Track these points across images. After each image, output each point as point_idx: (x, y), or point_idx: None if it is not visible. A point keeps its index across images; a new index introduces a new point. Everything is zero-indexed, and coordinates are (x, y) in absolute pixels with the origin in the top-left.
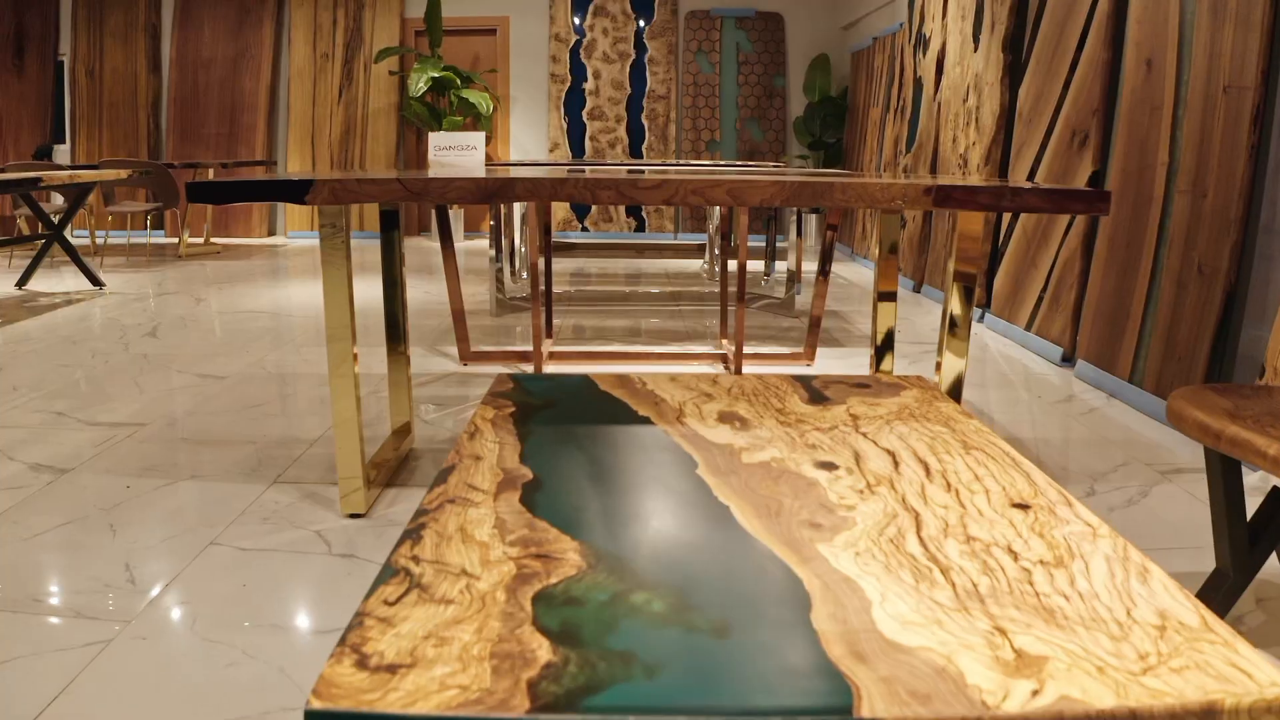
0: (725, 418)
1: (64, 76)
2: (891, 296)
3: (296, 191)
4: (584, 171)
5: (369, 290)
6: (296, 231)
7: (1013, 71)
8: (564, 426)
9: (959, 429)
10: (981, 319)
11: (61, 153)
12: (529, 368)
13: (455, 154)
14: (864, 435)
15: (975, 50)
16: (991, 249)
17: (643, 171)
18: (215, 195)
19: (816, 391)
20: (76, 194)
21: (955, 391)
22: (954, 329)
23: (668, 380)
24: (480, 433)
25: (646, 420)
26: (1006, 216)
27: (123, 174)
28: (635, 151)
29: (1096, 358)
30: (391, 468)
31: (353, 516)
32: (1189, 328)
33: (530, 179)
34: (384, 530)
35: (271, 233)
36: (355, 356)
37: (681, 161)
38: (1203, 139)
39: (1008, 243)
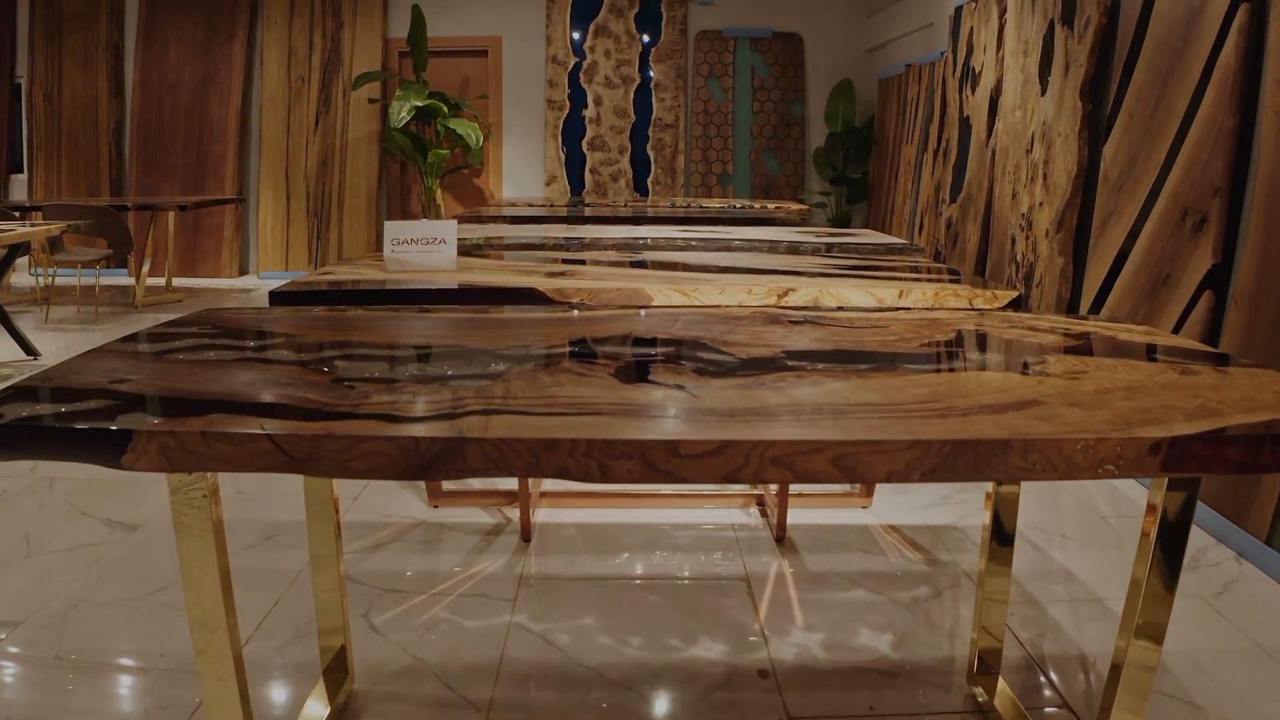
0: None
1: (21, 100)
2: None
3: (108, 449)
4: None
5: None
6: (270, 272)
7: (1093, 123)
8: None
9: None
10: None
11: (19, 184)
12: (514, 513)
13: (419, 250)
14: None
15: (1043, 94)
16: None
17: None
18: None
19: None
20: (6, 252)
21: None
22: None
23: None
24: None
25: None
26: (1090, 289)
27: (56, 228)
28: (640, 186)
29: (1218, 502)
30: None
31: None
32: None
33: (493, 440)
34: None
35: (243, 272)
36: (238, 659)
37: (690, 199)
38: None
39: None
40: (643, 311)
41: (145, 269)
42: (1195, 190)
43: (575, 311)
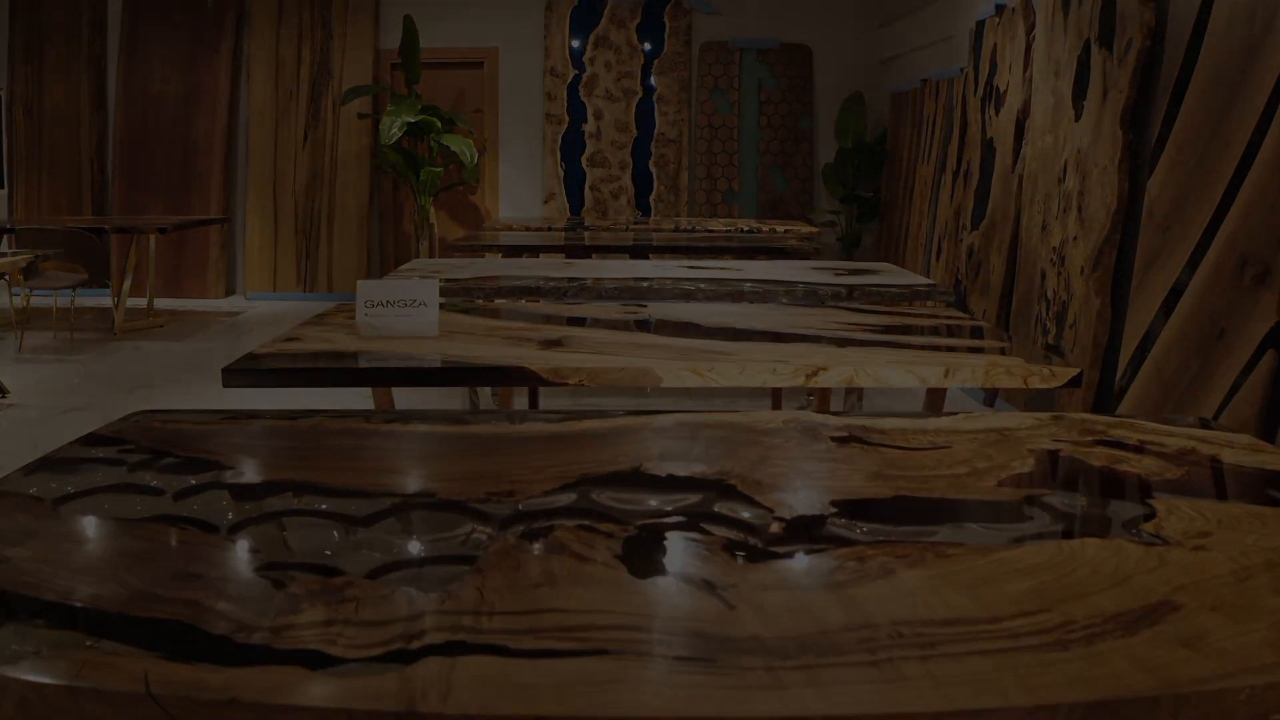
0: None
1: (1, 114)
2: None
3: None
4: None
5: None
6: (258, 293)
7: (1135, 155)
8: None
9: None
10: None
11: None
12: None
13: (395, 314)
14: None
15: (1076, 119)
16: (1102, 374)
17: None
18: None
19: None
20: None
21: None
22: None
23: None
24: None
25: None
26: (1127, 345)
27: (23, 260)
28: (642, 203)
29: None
30: None
31: None
32: None
33: (457, 717)
34: None
35: (229, 292)
36: None
37: (694, 220)
38: None
39: (1131, 381)
40: (654, 419)
41: (125, 290)
42: (1256, 238)
43: (569, 422)
